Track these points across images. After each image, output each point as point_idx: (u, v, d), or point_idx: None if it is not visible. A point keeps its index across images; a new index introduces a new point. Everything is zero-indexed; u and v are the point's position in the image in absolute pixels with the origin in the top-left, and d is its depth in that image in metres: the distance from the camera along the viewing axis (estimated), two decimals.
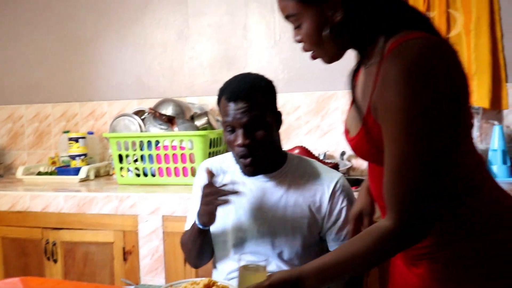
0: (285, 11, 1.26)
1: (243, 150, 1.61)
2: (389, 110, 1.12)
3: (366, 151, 1.28)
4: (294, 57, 2.99)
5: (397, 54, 1.13)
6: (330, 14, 1.20)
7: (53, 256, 2.58)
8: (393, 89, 1.10)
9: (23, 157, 3.55)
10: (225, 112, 1.63)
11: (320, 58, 1.31)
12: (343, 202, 1.69)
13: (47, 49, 3.46)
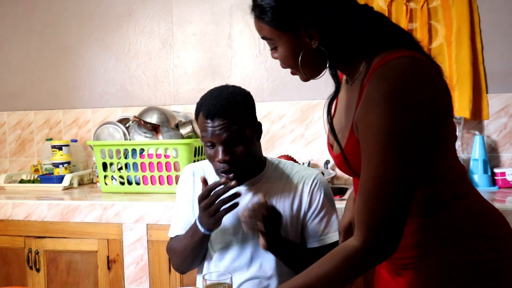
0: (261, 32, 1.27)
1: (224, 166, 1.60)
2: (369, 130, 1.13)
3: (344, 169, 1.29)
4: (279, 66, 2.91)
5: (380, 75, 1.14)
6: (307, 40, 1.21)
7: (36, 265, 2.54)
8: (374, 110, 1.11)
9: (5, 164, 3.51)
10: (203, 129, 1.61)
11: (300, 77, 1.32)
12: (321, 196, 1.70)
13: (30, 56, 3.43)
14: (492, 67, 2.68)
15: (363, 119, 1.15)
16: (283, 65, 1.31)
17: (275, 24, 1.22)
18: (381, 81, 1.13)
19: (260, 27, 1.26)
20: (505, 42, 2.66)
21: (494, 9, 2.67)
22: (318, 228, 1.70)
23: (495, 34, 2.67)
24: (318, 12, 1.19)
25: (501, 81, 2.68)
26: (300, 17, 1.20)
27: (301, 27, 1.21)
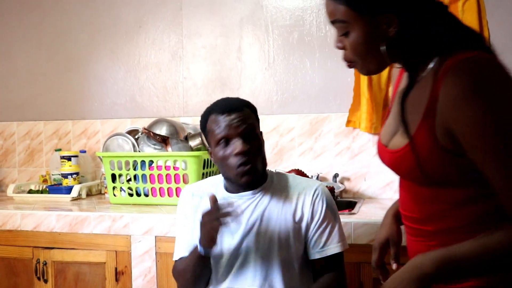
0: (334, 15, 1.20)
1: (242, 158, 1.60)
2: (476, 125, 1.08)
3: (406, 167, 1.23)
4: (288, 79, 2.99)
5: (461, 71, 1.10)
6: (384, 28, 1.16)
7: (44, 276, 2.53)
8: (471, 105, 1.07)
9: (14, 174, 3.50)
10: (217, 126, 1.62)
11: (358, 69, 1.27)
12: (323, 207, 1.69)
13: (40, 66, 3.43)
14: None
15: (460, 116, 1.09)
16: (347, 55, 1.24)
17: (354, 5, 1.16)
18: (467, 76, 1.09)
19: (335, 9, 1.19)
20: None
21: (503, 25, 2.67)
22: (320, 240, 1.68)
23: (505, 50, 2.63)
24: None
25: None
26: (383, 1, 1.16)
27: (381, 11, 1.15)
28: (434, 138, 1.14)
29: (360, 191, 2.89)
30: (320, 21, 2.94)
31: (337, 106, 2.92)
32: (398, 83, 1.40)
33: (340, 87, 2.91)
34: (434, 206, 1.24)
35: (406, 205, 1.34)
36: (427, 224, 1.27)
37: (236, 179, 1.65)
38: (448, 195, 1.21)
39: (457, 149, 1.13)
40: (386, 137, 1.33)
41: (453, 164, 1.16)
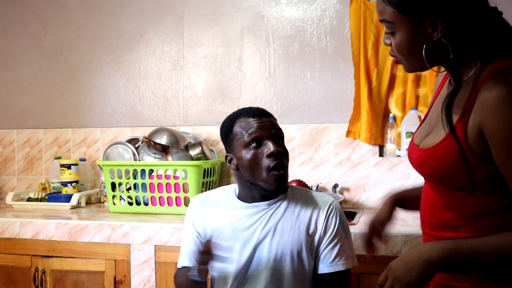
0: (382, 15, 1.23)
1: (276, 160, 1.58)
2: (505, 130, 1.10)
3: (433, 165, 1.24)
4: (289, 89, 2.99)
5: (504, 75, 1.12)
6: (429, 30, 1.18)
7: (42, 284, 2.51)
8: (506, 108, 1.09)
9: (13, 182, 3.49)
10: (249, 127, 1.61)
11: (403, 65, 1.29)
12: (337, 223, 1.68)
13: (41, 75, 3.43)
14: None
15: (497, 124, 1.10)
16: (394, 52, 1.27)
17: (401, 8, 1.18)
18: (508, 81, 1.10)
19: (383, 9, 1.21)
20: None
21: None
22: (330, 255, 1.67)
23: None
24: (448, 2, 1.16)
25: None
26: (428, 3, 1.16)
27: (427, 15, 1.17)
28: (465, 139, 1.16)
29: (359, 201, 2.88)
30: (320, 32, 2.94)
31: (337, 117, 2.92)
32: (440, 89, 1.41)
33: (340, 98, 2.91)
34: (453, 213, 1.26)
35: (425, 210, 1.35)
36: (443, 231, 1.28)
37: (267, 183, 1.61)
38: (468, 202, 1.22)
39: (485, 153, 1.15)
40: (419, 138, 1.35)
41: (477, 168, 1.17)
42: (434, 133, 1.27)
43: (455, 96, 1.20)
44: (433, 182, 1.29)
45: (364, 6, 2.79)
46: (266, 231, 1.66)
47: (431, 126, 1.32)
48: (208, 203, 1.78)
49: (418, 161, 1.30)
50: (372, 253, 1.59)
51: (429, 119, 1.37)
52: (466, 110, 1.17)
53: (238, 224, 1.68)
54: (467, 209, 1.23)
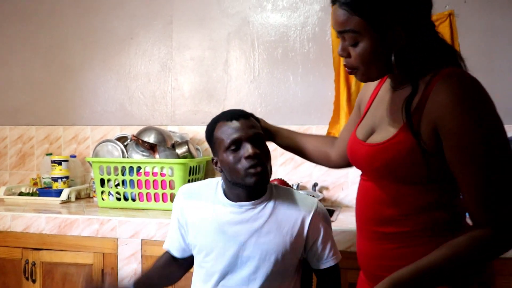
0: (345, 25, 1.21)
1: (253, 160, 1.56)
2: (466, 129, 1.14)
3: (383, 159, 1.26)
4: (272, 92, 3.00)
5: (451, 80, 1.17)
6: (392, 40, 1.20)
7: (32, 276, 2.49)
8: (465, 114, 1.14)
9: (5, 177, 3.46)
10: (227, 132, 1.59)
11: (358, 76, 1.30)
12: (321, 226, 1.68)
13: (34, 74, 3.41)
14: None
15: (452, 121, 1.15)
16: (352, 62, 1.26)
17: (368, 18, 1.18)
18: (455, 83, 1.16)
19: (348, 20, 1.20)
20: (483, 78, 2.67)
21: (474, 47, 2.71)
22: (321, 254, 1.70)
23: (474, 70, 2.67)
24: (411, 12, 1.19)
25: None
26: (395, 13, 1.18)
27: (392, 24, 1.19)
28: (418, 134, 1.20)
29: (338, 200, 2.90)
30: (303, 38, 2.96)
31: (318, 119, 2.93)
32: (376, 91, 1.44)
33: (321, 101, 2.92)
34: (395, 208, 1.29)
35: (367, 207, 1.37)
36: (385, 226, 1.31)
37: (245, 181, 1.58)
38: (412, 197, 1.26)
39: (434, 149, 1.19)
40: (363, 134, 1.38)
41: (425, 162, 1.20)
42: (381, 130, 1.30)
43: (413, 98, 1.22)
44: (379, 176, 1.31)
45: None
46: (251, 232, 1.64)
47: (374, 124, 1.36)
48: (196, 195, 1.75)
49: (366, 156, 1.32)
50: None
51: (371, 117, 1.40)
52: (417, 110, 1.20)
53: (224, 221, 1.66)
54: (409, 204, 1.27)
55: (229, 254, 1.64)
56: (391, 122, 1.29)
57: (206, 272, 1.69)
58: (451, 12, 2.66)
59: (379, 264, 1.34)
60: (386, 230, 1.31)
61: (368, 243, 1.38)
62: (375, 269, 1.36)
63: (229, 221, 1.66)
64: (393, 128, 1.26)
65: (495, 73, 2.69)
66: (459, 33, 2.66)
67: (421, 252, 1.22)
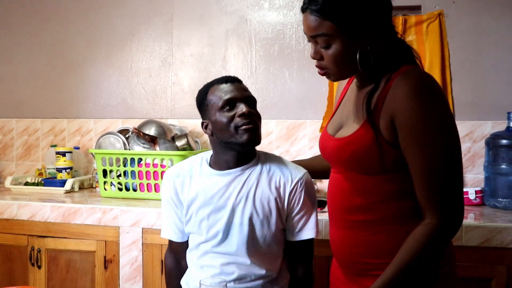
0: (318, 30, 1.27)
1: (247, 118, 1.58)
2: (418, 119, 1.21)
3: (349, 151, 1.32)
4: (268, 87, 3.02)
5: (408, 76, 1.24)
6: (360, 42, 1.27)
7: (38, 262, 2.53)
8: (417, 105, 1.21)
9: (12, 167, 3.49)
10: (222, 92, 1.61)
11: (330, 76, 1.36)
12: (302, 196, 1.68)
13: (39, 69, 3.42)
14: (459, 97, 2.73)
15: (406, 112, 1.21)
16: (324, 63, 1.32)
17: (339, 22, 1.24)
18: (410, 79, 1.23)
19: (320, 24, 1.26)
20: (471, 76, 2.73)
21: (462, 46, 2.73)
22: (296, 224, 1.69)
23: (462, 68, 2.73)
24: (375, 15, 1.27)
25: (466, 110, 2.72)
26: (363, 17, 1.25)
27: (360, 27, 1.25)
28: (377, 128, 1.27)
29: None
30: (299, 35, 2.98)
31: (312, 114, 2.95)
32: (345, 91, 1.51)
33: (315, 96, 2.94)
34: (363, 198, 1.35)
35: (337, 197, 1.42)
36: (355, 214, 1.36)
37: (238, 139, 1.60)
38: (377, 186, 1.33)
39: (393, 140, 1.26)
40: (332, 129, 1.45)
41: (387, 154, 1.27)
42: (348, 126, 1.37)
43: (373, 94, 1.30)
44: (347, 168, 1.36)
45: None
46: (240, 198, 1.64)
47: (342, 120, 1.43)
48: (183, 174, 1.75)
49: (335, 149, 1.38)
50: None
51: (340, 114, 1.47)
52: (377, 105, 1.28)
53: (213, 191, 1.66)
54: (375, 193, 1.33)
55: (221, 223, 1.65)
56: (355, 118, 1.36)
57: (199, 241, 1.70)
58: (441, 12, 2.70)
59: (350, 251, 1.40)
60: (356, 218, 1.37)
61: (340, 231, 1.43)
62: (348, 256, 1.42)
63: (218, 191, 1.66)
64: (357, 123, 1.34)
65: (481, 70, 2.72)
66: (448, 32, 2.70)
67: (390, 238, 1.30)
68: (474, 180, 2.72)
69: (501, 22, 2.69)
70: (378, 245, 1.32)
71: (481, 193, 2.57)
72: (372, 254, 1.34)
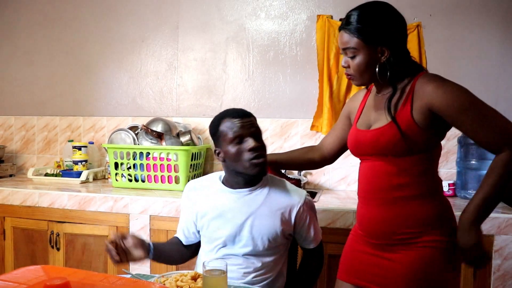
0: (347, 44, 1.49)
1: (255, 152, 1.62)
2: (450, 98, 1.39)
3: (389, 136, 1.46)
4: (264, 89, 3.04)
5: (429, 77, 1.46)
6: (379, 56, 1.47)
7: (57, 245, 2.57)
8: (447, 90, 1.40)
9: (33, 160, 3.52)
10: (232, 128, 1.64)
11: (355, 81, 1.55)
12: (308, 213, 1.74)
13: (58, 72, 3.44)
14: None
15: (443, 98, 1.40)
16: (350, 71, 1.52)
17: (365, 39, 1.45)
18: (432, 78, 1.45)
19: (349, 40, 1.48)
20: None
21: (438, 54, 2.76)
22: (308, 236, 1.77)
23: (438, 73, 2.74)
24: (393, 36, 1.47)
25: None
26: (382, 36, 1.46)
27: (380, 44, 1.46)
28: (411, 116, 1.44)
29: (320, 183, 2.95)
30: (292, 43, 3.00)
31: (304, 113, 2.97)
32: (366, 99, 1.68)
33: (307, 98, 2.96)
34: (400, 176, 1.49)
35: (376, 179, 1.54)
36: (394, 192, 1.49)
37: (249, 170, 1.64)
38: (410, 167, 1.47)
39: (429, 124, 1.44)
40: (364, 126, 1.60)
41: (417, 138, 1.44)
42: (378, 122, 1.52)
43: (392, 98, 1.49)
44: (385, 153, 1.50)
45: (328, 23, 2.85)
46: (248, 214, 1.69)
47: (370, 121, 1.58)
48: (199, 188, 1.80)
49: (374, 139, 1.51)
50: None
51: (365, 118, 1.62)
52: (406, 102, 1.46)
53: (224, 206, 1.71)
54: (410, 173, 1.48)
55: (228, 233, 1.69)
56: (383, 115, 1.52)
57: (210, 249, 1.75)
58: (419, 24, 2.73)
59: (388, 224, 1.51)
60: (395, 195, 1.50)
61: (375, 209, 1.54)
62: (385, 229, 1.52)
63: (229, 206, 1.71)
64: (385, 119, 1.50)
65: (455, 76, 2.69)
66: (425, 42, 2.74)
67: (423, 211, 1.47)
68: (447, 174, 2.76)
69: (472, 33, 2.72)
70: (415, 217, 1.47)
71: (454, 186, 2.62)
72: (409, 224, 1.47)
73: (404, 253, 1.48)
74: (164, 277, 1.49)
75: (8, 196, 2.67)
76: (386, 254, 1.52)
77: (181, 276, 1.45)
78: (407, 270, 1.46)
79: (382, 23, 1.46)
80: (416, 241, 1.47)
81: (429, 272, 1.45)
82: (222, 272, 1.32)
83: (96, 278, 1.07)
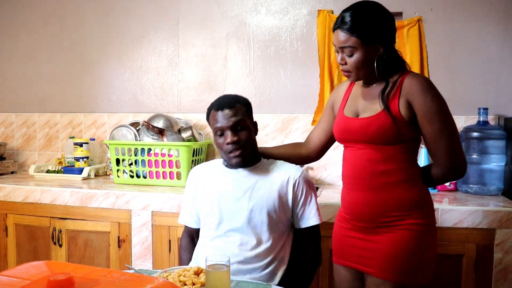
0: (346, 42, 1.57)
1: (232, 146, 1.72)
2: (428, 101, 1.53)
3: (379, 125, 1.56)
4: (265, 85, 3.05)
5: (416, 76, 1.57)
6: (374, 53, 1.57)
7: (59, 241, 2.58)
8: (429, 94, 1.53)
9: (34, 157, 3.52)
10: (214, 121, 1.75)
11: (351, 77, 1.64)
12: (304, 189, 1.79)
13: (59, 68, 3.44)
14: None
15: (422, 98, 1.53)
16: (347, 67, 1.60)
17: (362, 38, 1.54)
18: (418, 76, 1.57)
19: (348, 39, 1.56)
20: (446, 75, 2.76)
21: (438, 48, 2.76)
22: (304, 213, 1.80)
23: (438, 68, 2.76)
24: (386, 34, 1.58)
25: None
26: (377, 35, 1.56)
27: (375, 42, 1.56)
28: (398, 109, 1.55)
29: (321, 178, 2.96)
30: (293, 38, 3.00)
31: (305, 108, 2.98)
32: (350, 90, 1.77)
33: (307, 93, 2.97)
34: (387, 163, 1.59)
35: (362, 166, 1.63)
36: (380, 178, 1.60)
37: (229, 161, 1.78)
38: (396, 155, 1.58)
39: (410, 118, 1.56)
40: (351, 114, 1.68)
41: (403, 128, 1.55)
42: (367, 111, 1.62)
43: (386, 88, 1.59)
44: (373, 141, 1.59)
45: (329, 18, 2.85)
46: (245, 189, 1.77)
47: (357, 110, 1.68)
48: (202, 172, 1.91)
49: (363, 125, 1.60)
50: None
51: (351, 107, 1.71)
52: (395, 95, 1.57)
53: (224, 184, 1.80)
54: (395, 160, 1.58)
55: (229, 207, 1.77)
56: (372, 105, 1.61)
57: (211, 223, 1.81)
58: (420, 18, 2.72)
59: (376, 208, 1.60)
60: (381, 181, 1.60)
61: (363, 193, 1.63)
62: (372, 212, 1.61)
63: (228, 183, 1.80)
64: (376, 109, 1.59)
65: (454, 70, 2.75)
66: (426, 36, 2.73)
67: (406, 196, 1.58)
68: None
69: (472, 27, 2.73)
70: (399, 201, 1.57)
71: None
72: (393, 208, 1.57)
73: (387, 235, 1.58)
74: (167, 272, 1.50)
75: (10, 193, 2.67)
76: (370, 237, 1.62)
77: (184, 271, 1.46)
78: (389, 250, 1.57)
79: (377, 22, 1.56)
80: (398, 224, 1.57)
81: (409, 251, 1.56)
82: (225, 266, 1.33)
83: (100, 274, 1.08)
